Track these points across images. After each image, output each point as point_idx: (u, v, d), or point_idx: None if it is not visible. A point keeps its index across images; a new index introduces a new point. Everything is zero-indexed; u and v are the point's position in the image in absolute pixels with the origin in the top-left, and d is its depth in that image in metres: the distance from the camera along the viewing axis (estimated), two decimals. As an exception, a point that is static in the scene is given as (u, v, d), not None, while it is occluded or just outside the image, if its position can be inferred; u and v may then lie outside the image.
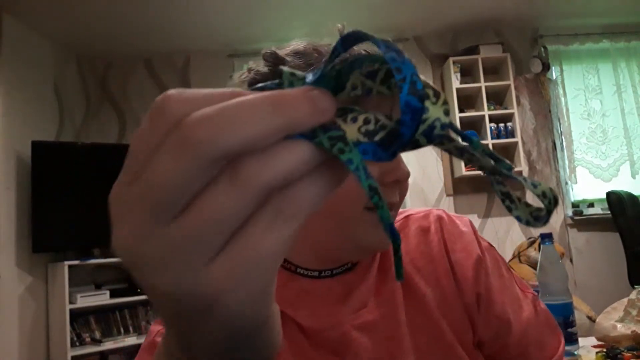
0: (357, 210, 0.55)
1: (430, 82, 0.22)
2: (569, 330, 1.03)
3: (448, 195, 3.99)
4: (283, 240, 0.21)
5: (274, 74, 0.57)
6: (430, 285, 0.63)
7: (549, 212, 0.24)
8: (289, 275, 0.60)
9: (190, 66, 4.07)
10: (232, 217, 0.20)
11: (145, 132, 0.22)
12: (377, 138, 0.22)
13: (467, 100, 3.97)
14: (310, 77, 0.23)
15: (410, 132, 0.21)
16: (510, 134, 3.84)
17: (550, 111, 4.06)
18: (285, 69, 0.23)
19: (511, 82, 3.85)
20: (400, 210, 0.71)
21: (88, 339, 3.22)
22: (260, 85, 0.24)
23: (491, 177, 0.25)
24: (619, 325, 1.05)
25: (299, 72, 0.23)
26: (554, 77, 4.10)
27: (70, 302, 3.07)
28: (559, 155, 4.03)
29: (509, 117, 3.88)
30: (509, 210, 0.25)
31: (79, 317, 3.22)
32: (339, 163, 0.22)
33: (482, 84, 3.80)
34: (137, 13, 3.33)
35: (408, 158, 0.64)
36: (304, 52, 0.58)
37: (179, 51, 3.99)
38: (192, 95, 0.21)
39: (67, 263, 3.08)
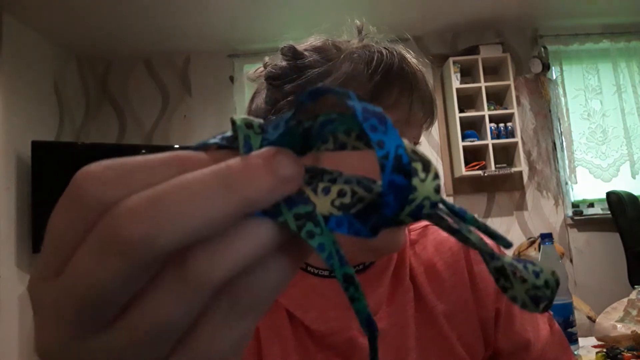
0: None
1: (418, 151, 0.18)
2: (569, 330, 1.03)
3: (448, 195, 3.99)
4: (239, 338, 0.18)
5: (294, 68, 0.56)
6: (444, 297, 0.61)
7: (551, 301, 0.21)
8: (300, 274, 0.59)
9: (190, 66, 4.07)
10: (179, 322, 0.17)
11: (63, 217, 0.18)
12: (353, 211, 0.19)
13: (467, 100, 3.97)
14: (271, 131, 0.19)
15: (393, 213, 0.18)
16: (510, 134, 3.84)
17: (550, 111, 4.05)
18: (238, 119, 0.19)
19: (511, 82, 3.84)
20: None
21: (88, 339, 3.22)
22: (211, 141, 0.20)
23: (485, 255, 0.22)
24: (619, 325, 1.05)
25: (256, 122, 0.19)
26: (554, 77, 4.10)
27: (70, 302, 3.07)
28: (559, 155, 4.03)
29: (509, 117, 3.88)
30: (504, 290, 0.21)
31: (79, 317, 3.23)
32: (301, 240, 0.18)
33: (482, 84, 3.80)
34: (137, 13, 3.33)
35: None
36: (322, 47, 0.57)
37: (179, 51, 3.99)
38: (118, 172, 0.17)
39: (67, 263, 3.08)
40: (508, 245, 0.21)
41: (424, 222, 0.68)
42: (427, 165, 0.18)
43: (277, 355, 0.56)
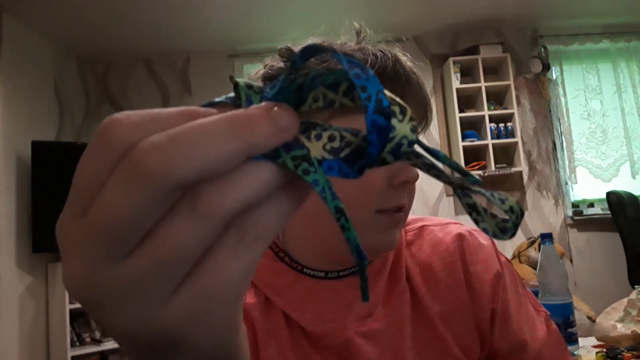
0: (369, 213, 0.55)
1: (396, 98, 0.21)
2: (569, 330, 1.03)
3: (448, 195, 3.98)
4: (247, 267, 0.20)
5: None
6: (439, 298, 0.62)
7: (516, 226, 0.23)
8: (296, 276, 0.60)
9: (190, 66, 4.07)
10: (193, 249, 0.19)
11: (91, 160, 0.20)
12: (342, 155, 0.21)
13: (467, 100, 3.97)
14: (268, 90, 0.22)
15: (377, 150, 0.21)
16: (510, 134, 3.84)
17: (550, 111, 4.06)
18: (240, 81, 0.22)
19: (511, 82, 3.85)
20: (416, 217, 0.70)
21: (88, 339, 3.22)
22: (217, 99, 0.22)
23: (457, 191, 0.24)
24: (619, 325, 1.05)
25: (255, 85, 0.22)
26: (554, 77, 4.10)
27: (70, 302, 3.07)
28: (559, 155, 4.03)
29: (509, 117, 3.88)
30: (476, 222, 0.25)
31: (79, 317, 3.22)
32: (302, 182, 0.21)
33: (482, 84, 3.80)
34: (137, 13, 3.33)
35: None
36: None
37: (179, 51, 3.99)
38: (141, 119, 0.20)
39: (67, 263, 3.08)
40: (477, 181, 0.23)
41: (420, 223, 0.68)
42: (403, 108, 0.21)
43: (274, 357, 0.56)
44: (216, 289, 0.20)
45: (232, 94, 0.22)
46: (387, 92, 0.20)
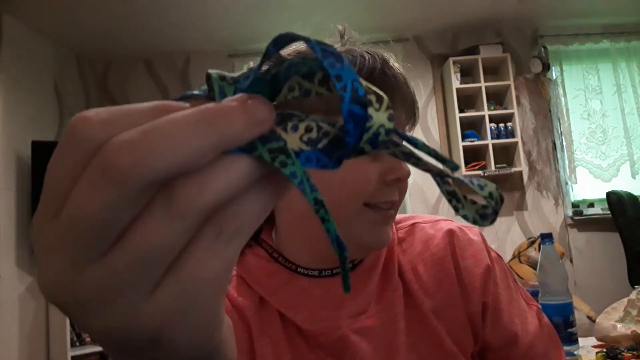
0: (356, 207, 0.55)
1: (372, 86, 0.21)
2: (569, 330, 1.03)
3: (448, 195, 3.98)
4: (226, 263, 0.20)
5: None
6: (431, 293, 0.62)
7: (495, 212, 0.24)
8: (290, 275, 0.60)
9: (190, 66, 4.07)
10: (170, 246, 0.19)
11: (61, 159, 0.19)
12: (320, 145, 0.21)
13: (467, 100, 3.97)
14: (242, 81, 0.22)
15: (354, 140, 0.20)
16: (510, 134, 3.84)
17: (550, 111, 4.06)
18: (213, 72, 0.21)
19: (511, 82, 3.85)
20: (406, 215, 0.70)
21: (88, 339, 3.22)
22: (190, 92, 0.22)
23: (437, 178, 0.24)
24: (619, 325, 1.05)
25: (229, 75, 0.22)
26: (554, 77, 4.10)
27: (70, 302, 3.07)
28: (559, 155, 4.03)
29: (509, 117, 3.88)
30: (456, 210, 0.25)
31: (79, 317, 3.23)
32: (281, 174, 0.20)
33: (482, 84, 3.80)
34: (138, 13, 3.33)
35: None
36: (306, 52, 0.58)
37: (179, 51, 3.99)
38: (111, 115, 0.19)
39: (67, 263, 3.08)
40: (456, 167, 0.23)
41: (411, 221, 0.69)
42: (380, 97, 0.20)
43: (269, 356, 0.56)
44: (195, 286, 0.20)
45: (204, 87, 0.22)
46: (362, 81, 0.20)
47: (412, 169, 0.59)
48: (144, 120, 0.19)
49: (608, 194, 3.55)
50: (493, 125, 3.82)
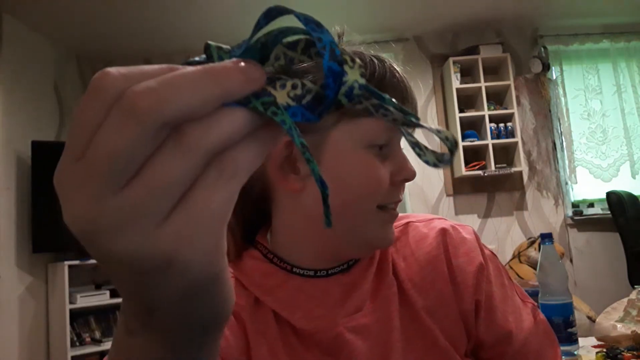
0: (371, 208, 0.57)
1: (346, 50, 0.25)
2: (569, 330, 1.03)
3: (448, 195, 3.99)
4: (226, 198, 0.23)
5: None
6: (424, 292, 0.63)
7: (452, 153, 0.28)
8: (285, 275, 0.61)
9: (190, 66, 4.07)
10: (180, 180, 0.22)
11: (87, 108, 0.22)
12: (304, 102, 0.24)
13: (467, 100, 3.97)
14: (236, 50, 0.25)
15: (333, 93, 0.24)
16: (510, 134, 3.84)
17: (550, 111, 4.06)
18: (212, 43, 0.25)
19: (511, 82, 3.85)
20: (401, 215, 0.71)
21: (88, 339, 3.22)
22: (190, 59, 0.25)
23: (402, 130, 0.30)
24: (619, 325, 1.05)
25: (225, 46, 0.25)
26: (554, 77, 4.10)
27: (70, 302, 3.07)
28: (559, 155, 4.03)
29: (509, 117, 3.88)
30: (419, 156, 0.30)
31: (79, 317, 3.22)
32: (272, 126, 0.24)
33: (482, 84, 3.80)
34: (137, 13, 3.33)
35: (408, 158, 0.65)
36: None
37: (179, 51, 3.99)
38: (130, 72, 0.22)
39: (67, 263, 3.08)
40: (417, 119, 0.27)
41: (405, 220, 0.69)
42: (353, 58, 0.24)
43: (265, 356, 0.57)
44: (201, 215, 0.23)
45: (203, 56, 0.25)
46: (339, 45, 0.23)
47: (416, 169, 0.60)
48: (157, 76, 0.22)
49: (608, 194, 3.55)
50: (493, 125, 3.82)
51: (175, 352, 0.29)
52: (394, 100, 0.26)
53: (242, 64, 0.23)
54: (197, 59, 0.25)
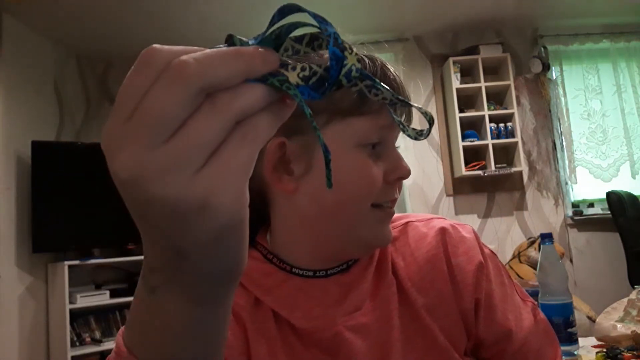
0: (365, 208, 0.57)
1: (346, 41, 0.30)
2: (569, 330, 1.03)
3: (448, 195, 3.99)
4: (249, 155, 0.27)
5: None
6: (424, 291, 0.63)
7: (430, 128, 0.37)
8: (285, 275, 0.61)
9: (190, 66, 4.07)
10: (213, 138, 0.26)
11: (136, 76, 0.26)
12: (310, 82, 0.29)
13: (467, 100, 3.97)
14: (253, 41, 0.30)
15: (335, 74, 0.29)
16: (510, 134, 3.84)
17: (550, 111, 4.06)
18: (234, 35, 0.30)
19: (511, 82, 3.84)
20: (400, 215, 0.71)
21: (88, 339, 3.22)
22: (217, 46, 0.29)
23: (390, 109, 0.40)
24: (619, 325, 1.05)
25: (244, 38, 0.30)
26: (554, 77, 4.10)
27: (70, 302, 3.07)
28: (559, 155, 4.03)
29: (509, 117, 3.88)
30: (403, 131, 0.39)
31: (79, 317, 3.22)
32: (283, 102, 0.29)
33: (482, 84, 3.80)
34: (137, 13, 3.33)
35: (408, 158, 0.66)
36: (309, 55, 0.60)
37: (179, 51, 3.99)
38: (174, 48, 0.27)
39: (67, 263, 3.08)
40: (402, 98, 0.33)
41: (404, 220, 0.70)
42: (351, 47, 0.29)
43: (265, 356, 0.57)
44: (229, 167, 0.27)
45: (226, 44, 0.30)
46: (340, 35, 0.29)
47: (412, 169, 0.60)
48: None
49: (608, 194, 3.55)
50: (493, 125, 3.82)
51: (198, 305, 0.32)
52: (380, 82, 0.32)
53: (261, 49, 0.28)
54: (221, 46, 0.29)
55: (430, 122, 0.34)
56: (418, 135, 0.36)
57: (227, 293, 0.33)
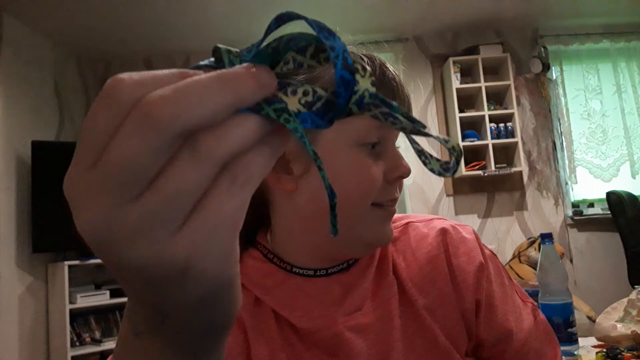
0: (365, 207, 0.57)
1: (358, 59, 0.25)
2: (569, 330, 1.03)
3: (448, 195, 3.99)
4: (240, 204, 0.23)
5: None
6: (424, 291, 0.63)
7: (457, 163, 0.28)
8: (285, 275, 0.61)
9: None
10: (195, 187, 0.22)
11: (100, 115, 0.22)
12: (314, 108, 0.24)
13: (467, 100, 3.97)
14: (246, 54, 0.25)
15: (344, 101, 0.24)
16: (510, 134, 3.84)
17: (550, 111, 4.06)
18: (221, 46, 0.25)
19: (511, 82, 3.85)
20: (401, 215, 0.71)
21: (88, 339, 3.22)
22: (200, 63, 0.25)
23: (409, 137, 0.30)
24: (619, 325, 1.05)
25: (234, 49, 0.25)
26: (554, 77, 4.10)
27: (70, 302, 3.07)
28: (559, 155, 4.03)
29: (509, 117, 3.88)
30: (425, 164, 0.30)
31: (79, 317, 3.22)
32: (282, 132, 0.24)
33: (482, 84, 3.80)
34: (137, 13, 3.33)
35: (408, 158, 0.65)
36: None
37: (179, 51, 3.99)
38: (142, 78, 0.22)
39: (67, 263, 3.08)
40: (424, 127, 0.26)
41: (405, 220, 0.70)
42: (364, 67, 0.24)
43: (265, 355, 0.57)
44: (216, 222, 0.23)
45: (212, 59, 0.25)
46: (350, 51, 0.23)
47: (413, 169, 0.60)
48: (170, 83, 0.22)
49: (608, 194, 3.55)
50: (493, 125, 3.82)
51: (184, 356, 0.29)
52: (399, 107, 0.26)
53: (254, 69, 0.23)
54: (206, 62, 0.25)
55: (458, 158, 0.27)
56: (444, 170, 0.29)
57: (218, 344, 0.30)
